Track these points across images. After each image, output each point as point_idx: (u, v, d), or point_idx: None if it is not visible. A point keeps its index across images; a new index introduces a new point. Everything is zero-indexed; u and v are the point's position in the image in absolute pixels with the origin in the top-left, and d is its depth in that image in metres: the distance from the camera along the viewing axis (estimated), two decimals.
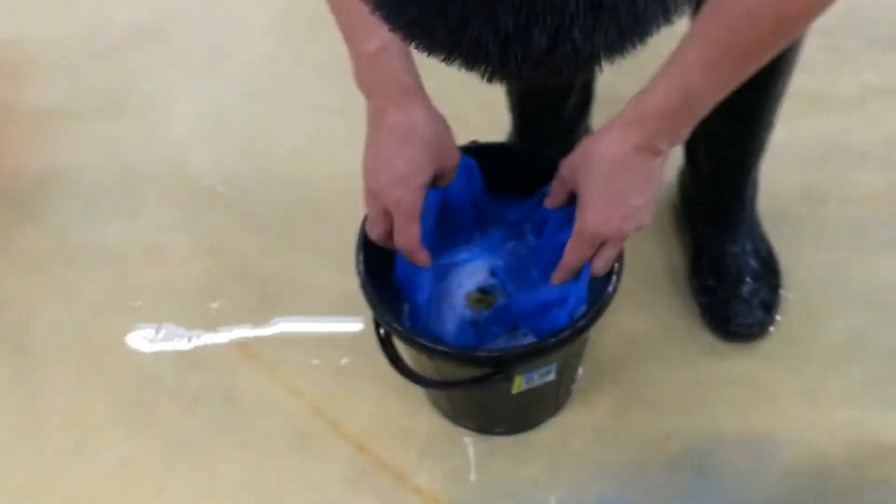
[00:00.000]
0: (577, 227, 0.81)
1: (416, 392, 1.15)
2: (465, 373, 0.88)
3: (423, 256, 0.88)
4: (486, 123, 1.21)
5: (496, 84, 0.52)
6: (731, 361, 1.16)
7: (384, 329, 0.92)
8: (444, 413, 1.14)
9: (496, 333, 0.93)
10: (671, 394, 1.14)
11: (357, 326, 1.22)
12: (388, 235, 0.87)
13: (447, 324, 0.93)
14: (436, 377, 0.95)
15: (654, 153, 0.77)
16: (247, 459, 1.12)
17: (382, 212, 0.85)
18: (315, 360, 1.20)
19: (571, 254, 0.83)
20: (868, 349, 1.15)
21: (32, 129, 1.53)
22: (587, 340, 1.02)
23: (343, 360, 1.20)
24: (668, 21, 0.48)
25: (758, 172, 1.17)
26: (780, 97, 1.03)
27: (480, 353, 0.87)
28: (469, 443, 1.12)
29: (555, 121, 1.23)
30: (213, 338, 1.24)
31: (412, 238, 0.85)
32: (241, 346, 1.23)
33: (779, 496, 1.05)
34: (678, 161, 1.25)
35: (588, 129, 1.30)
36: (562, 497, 1.07)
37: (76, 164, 1.46)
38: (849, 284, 1.21)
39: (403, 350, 0.97)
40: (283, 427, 1.15)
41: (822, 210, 1.29)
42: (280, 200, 1.38)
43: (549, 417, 1.13)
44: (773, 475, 1.07)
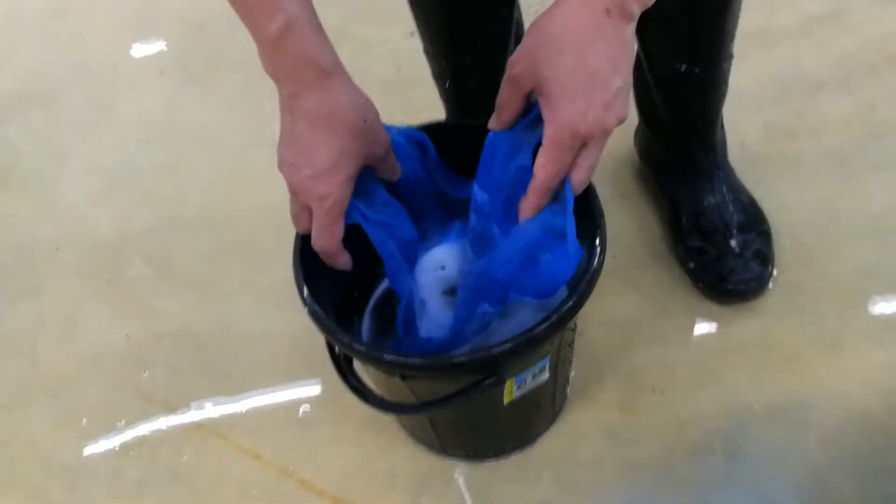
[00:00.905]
0: (550, 131, 0.65)
1: (393, 427, 1.00)
2: (448, 387, 0.73)
3: (344, 259, 0.75)
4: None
5: None
6: (737, 326, 1.03)
7: (340, 351, 0.77)
8: (429, 445, 0.98)
9: (488, 315, 0.77)
10: (679, 374, 1.00)
11: (310, 369, 1.06)
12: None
13: (434, 331, 0.80)
14: (413, 401, 0.80)
15: (628, 18, 0.62)
16: None
17: (305, 208, 0.73)
18: (270, 415, 1.04)
19: (546, 167, 0.67)
20: (880, 283, 1.04)
21: None
22: (576, 326, 0.88)
23: (302, 409, 1.04)
24: None
25: (721, 115, 1.06)
26: (735, 18, 0.92)
27: (460, 359, 0.72)
28: (462, 474, 0.96)
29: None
30: (149, 413, 1.06)
31: (333, 239, 0.72)
32: (184, 415, 1.05)
33: (822, 464, 0.92)
34: (633, 121, 1.13)
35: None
36: None
37: None
38: (842, 218, 1.10)
39: (371, 377, 0.83)
40: (247, 498, 0.98)
41: (794, 146, 1.18)
42: (202, 248, 1.22)
43: (548, 427, 0.98)
44: (812, 442, 0.94)
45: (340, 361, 0.78)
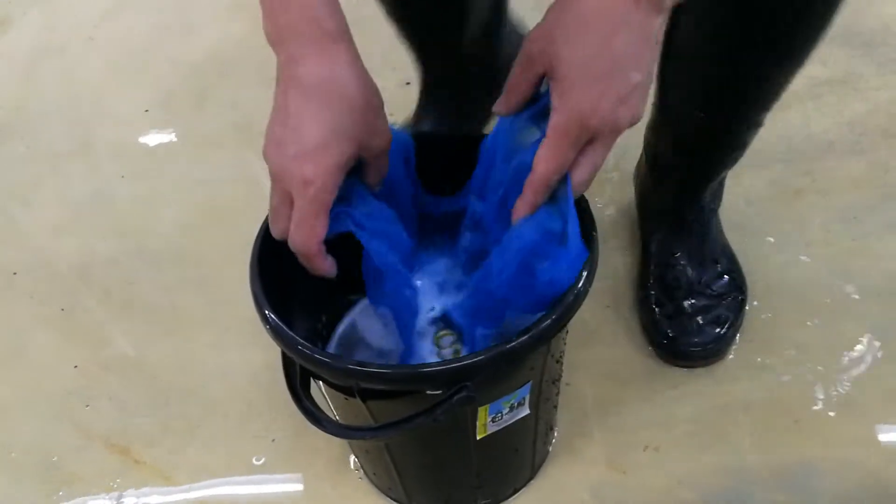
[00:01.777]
0: (557, 119, 0.59)
1: (355, 476, 0.89)
2: (412, 407, 0.64)
3: (327, 264, 0.65)
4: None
5: None
6: (742, 383, 0.93)
7: (295, 371, 0.68)
8: (394, 497, 0.88)
9: (489, 338, 0.69)
10: (675, 432, 0.90)
11: (269, 411, 0.96)
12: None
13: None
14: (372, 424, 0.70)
15: (658, 9, 0.56)
16: None
17: (287, 199, 0.62)
18: (221, 459, 0.94)
19: (547, 161, 0.60)
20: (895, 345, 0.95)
21: None
22: (562, 359, 0.79)
23: (255, 457, 0.93)
24: None
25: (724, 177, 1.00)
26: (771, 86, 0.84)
27: (427, 368, 0.63)
28: None
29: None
30: (85, 449, 0.96)
31: (313, 235, 0.62)
32: (124, 452, 0.95)
33: None
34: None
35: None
36: None
37: None
38: (855, 277, 1.02)
39: (330, 402, 0.74)
40: None
41: (802, 204, 1.11)
42: (165, 281, 1.14)
43: (527, 482, 0.88)
44: None
45: (296, 383, 0.69)
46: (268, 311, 0.66)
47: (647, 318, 0.97)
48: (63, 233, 1.23)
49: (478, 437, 0.73)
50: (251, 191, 1.19)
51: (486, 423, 0.71)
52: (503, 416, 0.72)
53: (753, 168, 1.13)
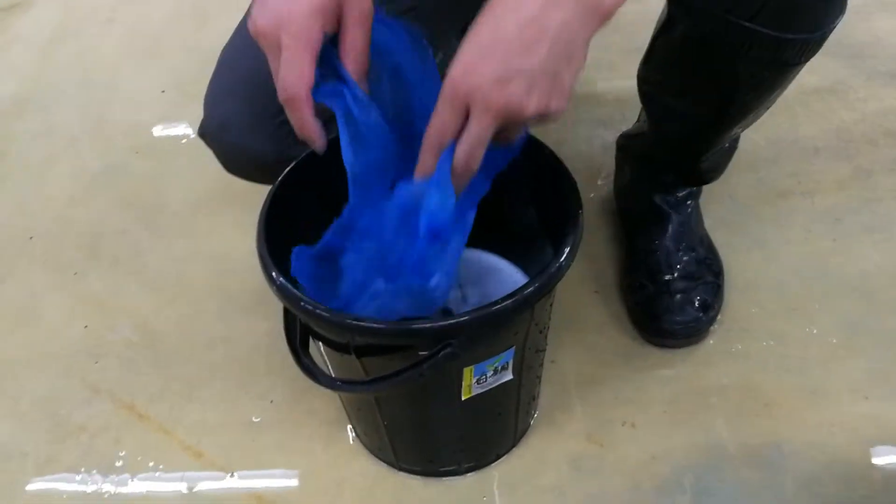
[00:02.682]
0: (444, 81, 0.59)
1: (347, 438, 0.95)
2: (401, 362, 0.69)
3: (315, 123, 0.63)
4: None
5: None
6: (718, 368, 0.98)
7: (296, 327, 0.73)
8: (383, 457, 0.92)
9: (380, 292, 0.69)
10: (653, 410, 0.95)
11: (269, 377, 1.01)
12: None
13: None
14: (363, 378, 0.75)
15: (590, 8, 0.56)
16: None
17: (279, 54, 0.61)
18: (219, 417, 0.98)
19: (432, 122, 0.61)
20: (866, 338, 1.00)
21: None
22: (546, 331, 0.84)
23: (253, 416, 0.98)
24: None
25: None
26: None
27: (418, 325, 0.68)
28: (413, 488, 0.90)
29: None
30: (93, 403, 1.01)
31: (302, 76, 0.60)
32: (129, 407, 1.00)
33: None
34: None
35: None
36: None
37: None
38: (832, 274, 1.06)
39: (326, 360, 0.79)
40: (184, 495, 0.91)
41: (787, 204, 1.16)
42: (175, 253, 1.19)
43: (509, 449, 0.92)
44: (788, 487, 0.88)
45: (296, 342, 0.74)
46: (273, 271, 0.71)
47: (632, 301, 1.02)
48: (77, 203, 1.28)
49: (463, 398, 0.77)
50: None
51: (472, 385, 0.76)
52: (487, 379, 0.77)
53: (741, 168, 1.18)
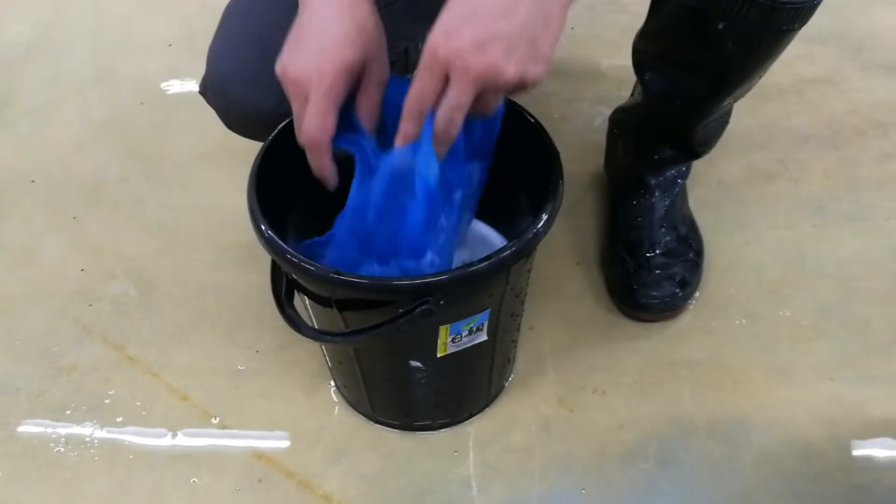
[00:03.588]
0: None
1: (328, 389, 0.98)
2: (381, 317, 0.72)
3: (330, 166, 0.69)
4: None
5: None
6: (690, 343, 1.01)
7: (282, 278, 0.76)
8: (361, 409, 0.96)
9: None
10: (623, 380, 0.98)
11: (257, 327, 1.04)
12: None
13: None
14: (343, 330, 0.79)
15: None
16: (118, 471, 0.92)
17: (305, 102, 0.66)
18: (206, 363, 1.02)
19: (412, 88, 0.63)
20: (837, 323, 1.02)
21: None
22: (522, 296, 0.87)
23: (240, 364, 1.02)
24: None
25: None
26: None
27: (398, 282, 0.71)
28: (386, 442, 0.94)
29: None
30: (84, 343, 1.04)
31: (326, 126, 0.66)
32: (119, 349, 1.03)
33: (756, 483, 0.89)
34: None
35: None
36: (500, 496, 0.89)
37: None
38: (810, 259, 1.09)
39: (313, 314, 0.82)
40: (167, 436, 0.95)
41: (772, 189, 1.18)
42: (173, 202, 1.22)
43: (482, 409, 0.96)
44: (748, 461, 0.91)
45: (281, 294, 0.77)
46: (262, 224, 0.73)
47: (612, 274, 1.05)
48: (80, 150, 1.31)
49: (438, 355, 0.81)
50: None
51: (447, 343, 0.79)
52: (462, 338, 0.80)
53: (730, 152, 1.21)
